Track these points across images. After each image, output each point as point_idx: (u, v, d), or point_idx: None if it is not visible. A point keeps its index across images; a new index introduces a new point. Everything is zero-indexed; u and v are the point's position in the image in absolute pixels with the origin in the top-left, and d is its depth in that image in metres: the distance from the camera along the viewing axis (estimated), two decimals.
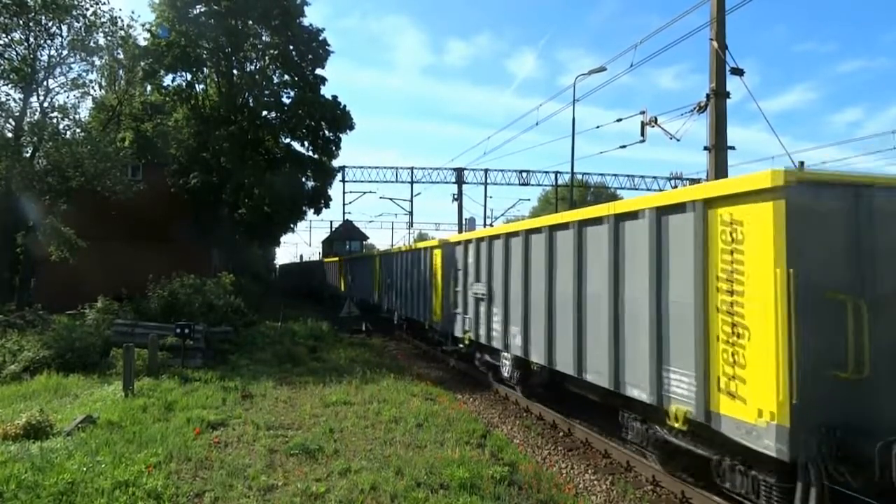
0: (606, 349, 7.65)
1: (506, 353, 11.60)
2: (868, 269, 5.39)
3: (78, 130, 22.15)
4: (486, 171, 47.47)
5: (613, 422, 8.48)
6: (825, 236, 5.29)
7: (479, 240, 12.66)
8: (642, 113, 16.11)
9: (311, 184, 32.61)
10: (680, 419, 6.33)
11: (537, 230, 9.94)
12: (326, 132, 31.45)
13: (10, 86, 21.59)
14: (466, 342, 13.66)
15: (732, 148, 12.97)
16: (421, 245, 18.57)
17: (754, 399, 5.38)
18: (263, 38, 30.44)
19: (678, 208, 6.51)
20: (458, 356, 15.55)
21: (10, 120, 21.11)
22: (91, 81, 23.58)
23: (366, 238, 58.50)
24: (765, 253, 5.29)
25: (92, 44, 22.45)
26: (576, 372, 8.51)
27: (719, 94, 12.76)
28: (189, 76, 30.12)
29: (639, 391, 7.09)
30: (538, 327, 9.75)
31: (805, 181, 5.26)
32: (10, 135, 20.79)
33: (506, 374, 11.87)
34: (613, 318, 7.57)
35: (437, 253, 15.85)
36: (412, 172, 48.53)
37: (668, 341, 6.62)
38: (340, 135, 31.93)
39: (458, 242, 14.19)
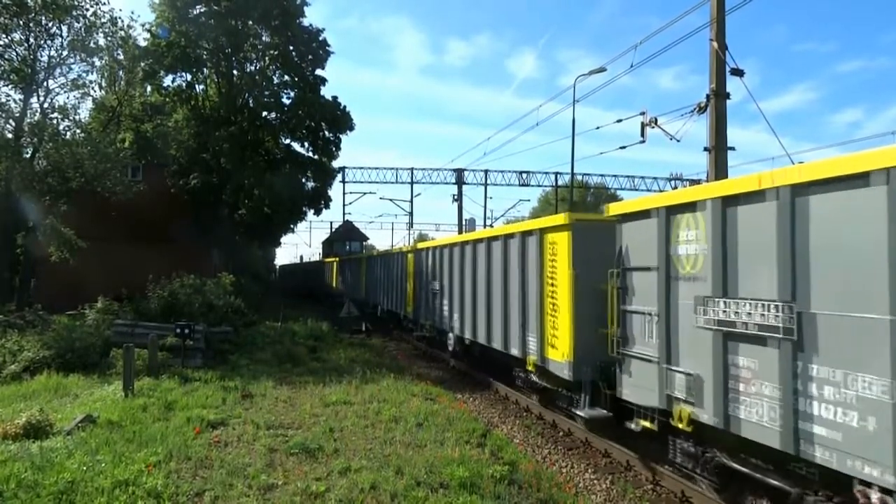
0: None
1: None
2: None
3: (78, 131, 22.17)
4: (486, 171, 47.49)
5: None
6: None
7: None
8: (642, 114, 16.09)
9: (311, 184, 32.63)
10: None
11: None
12: (326, 133, 31.47)
13: (10, 86, 21.63)
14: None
15: (732, 148, 12.98)
16: (529, 226, 10.58)
17: None
18: (263, 38, 30.45)
19: None
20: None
21: (10, 120, 21.14)
22: (91, 82, 23.63)
23: (366, 239, 58.50)
24: None
25: (92, 44, 22.49)
26: None
27: (719, 95, 12.76)
28: (189, 77, 30.15)
29: None
30: None
31: None
32: (10, 135, 20.80)
33: None
34: None
35: (559, 239, 9.23)
36: (412, 173, 48.54)
37: None
38: (340, 135, 31.95)
39: (679, 207, 6.74)
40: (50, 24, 21.53)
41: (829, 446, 4.90)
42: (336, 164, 35.59)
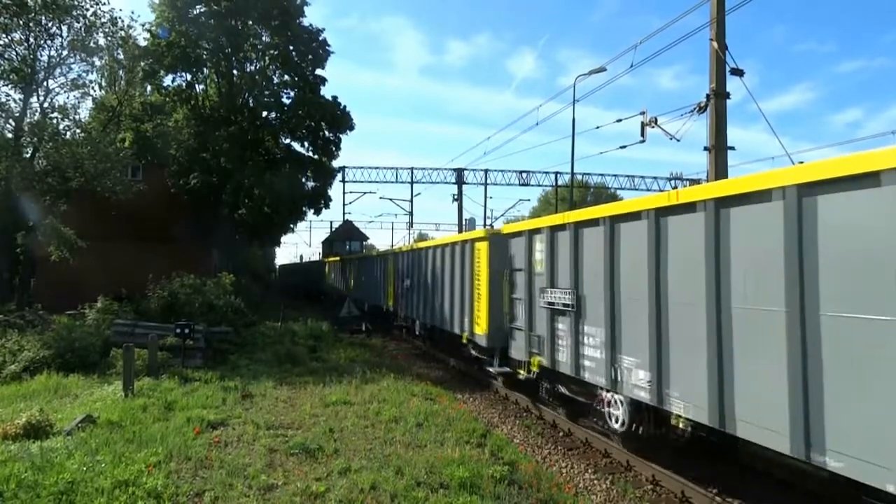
0: None
1: None
2: None
3: (78, 131, 22.15)
4: (486, 171, 47.54)
5: None
6: None
7: None
8: (642, 113, 16.12)
9: (311, 184, 32.64)
10: None
11: None
12: (326, 132, 31.49)
13: (10, 86, 21.60)
14: None
15: (732, 148, 13.01)
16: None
17: None
18: (263, 38, 30.46)
19: None
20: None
21: (10, 120, 21.13)
22: (91, 82, 23.57)
23: (366, 238, 58.50)
24: None
25: (92, 44, 22.45)
26: None
27: (719, 95, 12.78)
28: (189, 76, 30.16)
29: None
30: None
31: None
32: (10, 135, 20.78)
33: None
34: None
35: None
36: (412, 173, 48.57)
37: None
38: (340, 135, 31.97)
39: None
40: (50, 24, 21.50)
41: None
42: (336, 163, 35.63)
